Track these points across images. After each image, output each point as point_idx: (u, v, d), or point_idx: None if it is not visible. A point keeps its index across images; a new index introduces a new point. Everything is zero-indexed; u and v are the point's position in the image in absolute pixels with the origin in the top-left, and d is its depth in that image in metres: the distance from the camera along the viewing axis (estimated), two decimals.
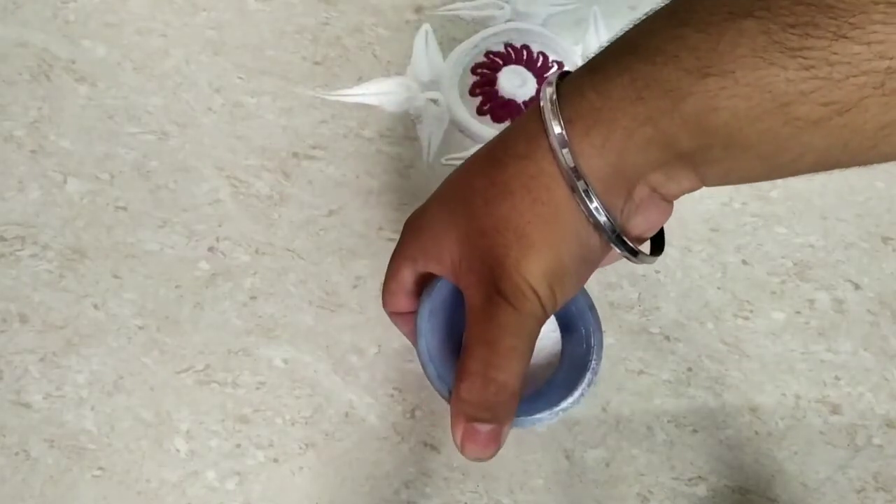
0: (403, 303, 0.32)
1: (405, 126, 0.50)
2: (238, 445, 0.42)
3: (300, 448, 0.42)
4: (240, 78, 0.51)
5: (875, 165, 0.25)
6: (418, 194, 0.48)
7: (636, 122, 0.24)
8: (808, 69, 0.22)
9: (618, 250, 0.27)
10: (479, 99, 0.51)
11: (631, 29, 0.26)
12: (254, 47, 0.52)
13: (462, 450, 0.28)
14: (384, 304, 0.33)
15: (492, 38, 0.52)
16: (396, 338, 0.44)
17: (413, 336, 0.33)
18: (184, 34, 0.52)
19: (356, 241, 0.46)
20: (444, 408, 0.42)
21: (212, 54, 0.52)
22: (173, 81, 0.51)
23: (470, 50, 0.52)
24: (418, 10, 0.54)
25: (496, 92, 0.51)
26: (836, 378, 0.43)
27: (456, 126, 0.50)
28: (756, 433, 0.42)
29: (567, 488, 0.41)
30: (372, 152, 0.49)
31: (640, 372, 0.43)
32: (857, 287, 0.45)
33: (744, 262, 0.46)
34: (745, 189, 0.48)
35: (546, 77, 0.26)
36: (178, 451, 0.42)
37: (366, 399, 0.43)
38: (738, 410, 0.42)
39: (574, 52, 0.52)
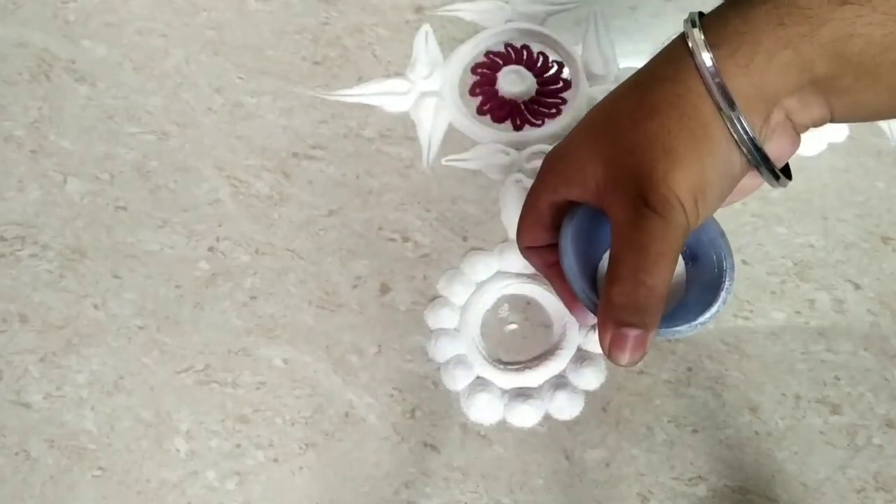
0: (541, 235, 0.34)
1: (405, 126, 0.50)
2: (238, 445, 0.42)
3: (300, 448, 0.42)
4: (240, 78, 0.51)
5: (875, 165, 0.25)
6: (418, 194, 0.48)
7: (777, 45, 0.26)
8: None
9: (757, 170, 0.29)
10: (479, 99, 0.51)
11: None
12: (254, 47, 0.52)
13: (610, 355, 0.29)
14: (520, 240, 0.35)
15: (492, 38, 0.52)
16: (396, 338, 0.44)
17: (546, 269, 0.36)
18: (184, 34, 0.52)
19: (356, 241, 0.46)
20: (444, 408, 0.43)
21: (212, 54, 0.52)
22: (173, 81, 0.51)
23: (470, 50, 0.52)
24: (418, 10, 0.53)
25: (496, 92, 0.51)
26: (836, 378, 0.43)
27: (456, 126, 0.50)
28: (756, 433, 0.42)
29: (567, 488, 0.41)
30: (372, 152, 0.49)
31: (640, 372, 0.43)
32: (857, 287, 0.45)
33: (744, 262, 0.46)
34: None
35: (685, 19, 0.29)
36: (178, 451, 0.42)
37: (366, 399, 0.43)
38: (738, 410, 0.42)
39: (574, 52, 0.52)
